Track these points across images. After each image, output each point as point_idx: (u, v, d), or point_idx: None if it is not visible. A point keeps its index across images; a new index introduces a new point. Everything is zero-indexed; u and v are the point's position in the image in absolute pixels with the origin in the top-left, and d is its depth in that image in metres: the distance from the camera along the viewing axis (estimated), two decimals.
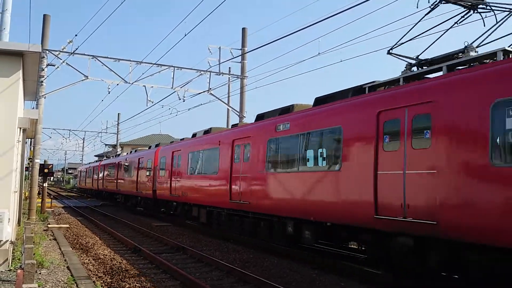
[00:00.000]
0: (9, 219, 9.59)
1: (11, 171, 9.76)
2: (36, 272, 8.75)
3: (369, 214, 9.38)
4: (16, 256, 10.47)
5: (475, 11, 9.56)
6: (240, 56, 25.47)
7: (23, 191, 17.61)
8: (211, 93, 25.03)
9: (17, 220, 12.53)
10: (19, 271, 6.80)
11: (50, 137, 78.06)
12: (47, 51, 21.52)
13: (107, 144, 61.80)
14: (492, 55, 8.19)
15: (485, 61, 8.42)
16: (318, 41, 32.70)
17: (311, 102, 12.72)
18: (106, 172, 39.97)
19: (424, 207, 8.27)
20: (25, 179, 20.82)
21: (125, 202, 33.07)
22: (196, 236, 17.38)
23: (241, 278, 10.07)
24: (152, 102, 24.64)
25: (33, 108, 22.57)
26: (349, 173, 10.15)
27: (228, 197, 15.70)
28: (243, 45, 25.88)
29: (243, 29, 26.10)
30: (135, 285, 9.08)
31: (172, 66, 23.81)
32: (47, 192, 28.39)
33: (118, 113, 56.59)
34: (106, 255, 12.51)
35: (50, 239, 14.77)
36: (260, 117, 15.12)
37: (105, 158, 52.12)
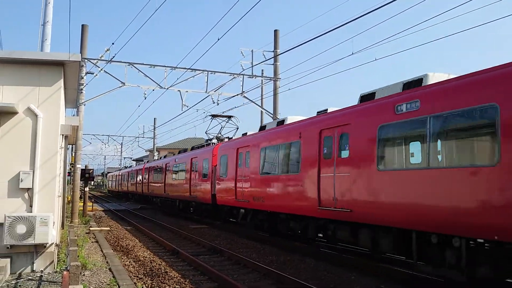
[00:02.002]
0: (53, 222, 9.92)
1: (55, 176, 10.11)
2: (80, 273, 9.04)
3: (315, 206, 12.27)
4: (61, 258, 10.84)
5: None
6: (273, 58, 25.51)
7: (66, 196, 18.25)
8: (244, 96, 25.24)
9: (60, 223, 13.01)
10: (65, 272, 7.04)
11: (90, 143, 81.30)
12: (85, 60, 22.23)
13: (146, 150, 63.50)
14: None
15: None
16: (352, 41, 32.33)
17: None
18: (151, 175, 36.75)
19: (344, 200, 11.16)
20: (67, 184, 21.58)
21: (181, 209, 28.54)
22: (232, 238, 17.48)
23: (279, 280, 10.06)
24: (187, 106, 25.19)
25: (73, 115, 23.34)
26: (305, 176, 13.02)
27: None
28: (275, 47, 25.92)
29: (275, 31, 26.15)
30: (175, 287, 9.23)
31: (206, 71, 24.11)
32: (88, 196, 29.24)
33: (154, 118, 58.19)
34: (146, 257, 12.78)
35: (92, 242, 15.23)
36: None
37: (141, 162, 53.43)
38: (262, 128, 17.64)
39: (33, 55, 10.17)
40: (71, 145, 23.36)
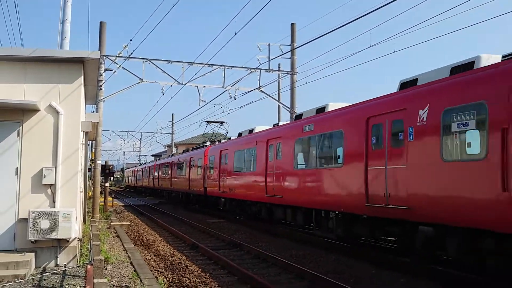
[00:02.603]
0: (76, 217, 10.08)
1: (77, 172, 10.26)
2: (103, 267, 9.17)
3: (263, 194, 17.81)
4: (83, 253, 11.03)
5: None
6: (290, 52, 25.37)
7: (87, 191, 18.59)
8: (261, 91, 25.22)
9: (82, 218, 13.26)
10: (89, 266, 7.16)
11: (109, 139, 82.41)
12: (104, 57, 22.47)
13: (164, 145, 64.25)
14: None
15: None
16: (370, 33, 31.92)
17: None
18: (160, 172, 43.03)
19: (277, 189, 16.19)
20: (88, 180, 21.99)
21: (183, 200, 34.13)
22: (250, 232, 17.55)
23: (299, 274, 10.07)
24: (205, 101, 25.45)
25: (93, 111, 23.68)
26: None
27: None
28: (292, 40, 25.76)
29: (292, 24, 25.98)
30: (195, 281, 9.32)
31: (223, 66, 24.13)
32: (108, 192, 29.82)
33: (172, 114, 58.77)
34: (166, 251, 12.92)
35: (113, 236, 15.47)
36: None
37: (159, 157, 54.67)
38: (239, 134, 22.22)
39: (54, 53, 10.31)
40: (91, 141, 23.67)
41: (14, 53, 10.13)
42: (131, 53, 22.35)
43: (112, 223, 19.08)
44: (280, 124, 18.02)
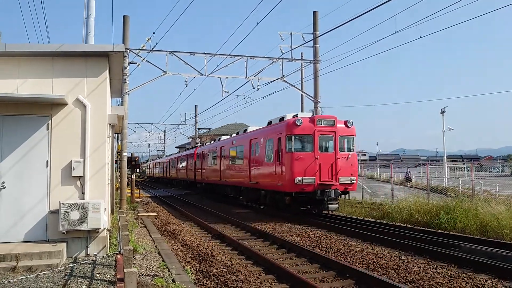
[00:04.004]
0: (104, 208, 10.28)
1: (105, 164, 10.44)
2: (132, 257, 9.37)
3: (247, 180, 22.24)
4: (112, 243, 11.28)
5: None
6: (312, 41, 25.14)
7: (114, 183, 19.00)
8: (284, 80, 24.95)
9: (110, 209, 13.58)
10: (119, 256, 7.31)
11: (135, 131, 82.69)
12: (128, 50, 22.72)
13: (189, 136, 63.92)
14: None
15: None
16: (395, 19, 31.27)
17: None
18: (172, 164, 51.96)
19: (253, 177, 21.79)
20: (115, 172, 22.45)
21: (186, 186, 44.75)
22: (276, 221, 17.62)
23: (325, 264, 10.07)
24: (227, 92, 25.27)
25: (118, 105, 24.01)
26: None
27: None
28: (314, 28, 25.51)
29: (314, 12, 25.67)
30: (222, 270, 9.42)
31: (245, 56, 24.10)
32: (135, 183, 30.21)
33: (196, 105, 57.38)
34: (192, 241, 13.09)
35: (140, 227, 15.77)
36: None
37: (186, 149, 55.80)
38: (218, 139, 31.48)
39: (80, 48, 10.47)
40: (117, 134, 24.03)
41: (42, 49, 10.32)
42: (154, 46, 22.51)
43: (139, 214, 19.44)
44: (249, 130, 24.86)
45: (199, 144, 45.48)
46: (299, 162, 17.46)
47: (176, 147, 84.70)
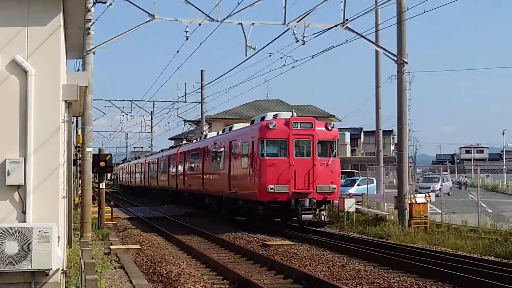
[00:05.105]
0: (58, 237, 6.75)
1: (58, 166, 6.91)
2: None
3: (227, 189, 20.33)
4: None
5: None
6: None
7: (72, 196, 12.02)
8: (347, 27, 16.46)
9: (67, 239, 9.27)
10: None
11: (104, 113, 53.18)
12: None
13: (187, 120, 41.53)
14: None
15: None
16: None
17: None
18: (150, 168, 40.65)
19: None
20: (73, 178, 14.58)
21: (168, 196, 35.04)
22: (331, 259, 12.26)
23: None
24: (254, 48, 17.02)
25: (78, 70, 17.48)
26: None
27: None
28: None
29: None
30: None
31: None
32: (106, 197, 20.51)
33: (202, 71, 37.03)
34: None
35: (115, 267, 10.72)
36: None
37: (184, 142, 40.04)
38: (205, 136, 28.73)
39: None
40: (76, 118, 18.30)
41: None
42: None
43: (112, 247, 13.36)
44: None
45: (207, 132, 33.09)
46: (271, 168, 16.80)
47: (170, 139, 62.52)
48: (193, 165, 27.41)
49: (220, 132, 24.64)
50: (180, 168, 30.07)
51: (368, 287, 9.15)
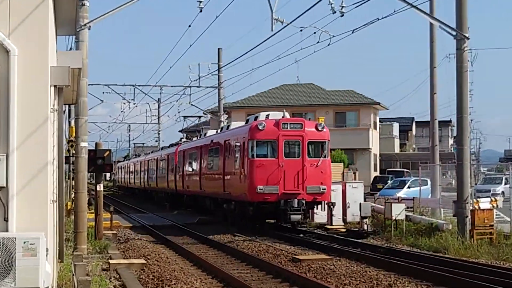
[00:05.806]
0: (47, 249, 5.87)
1: (46, 164, 5.99)
2: None
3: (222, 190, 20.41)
4: None
5: None
6: None
7: (63, 200, 9.37)
8: None
9: (57, 251, 8.02)
10: None
11: (102, 101, 40.73)
12: None
13: (187, 116, 38.65)
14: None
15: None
16: None
17: None
18: (150, 168, 38.97)
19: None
20: (65, 179, 12.12)
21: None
22: (377, 278, 10.58)
23: None
24: (281, 22, 15.39)
25: (70, 49, 15.49)
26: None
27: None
28: None
29: None
30: None
31: None
32: (104, 201, 18.39)
33: (219, 49, 31.77)
34: None
35: (114, 285, 9.51)
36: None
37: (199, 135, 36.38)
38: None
39: None
40: (68, 106, 17.04)
41: None
42: None
43: (111, 261, 11.88)
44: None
45: (224, 123, 30.04)
46: (261, 169, 17.27)
47: (180, 131, 56.61)
48: (192, 165, 26.26)
49: (219, 131, 24.63)
50: (179, 168, 28.46)
51: None
